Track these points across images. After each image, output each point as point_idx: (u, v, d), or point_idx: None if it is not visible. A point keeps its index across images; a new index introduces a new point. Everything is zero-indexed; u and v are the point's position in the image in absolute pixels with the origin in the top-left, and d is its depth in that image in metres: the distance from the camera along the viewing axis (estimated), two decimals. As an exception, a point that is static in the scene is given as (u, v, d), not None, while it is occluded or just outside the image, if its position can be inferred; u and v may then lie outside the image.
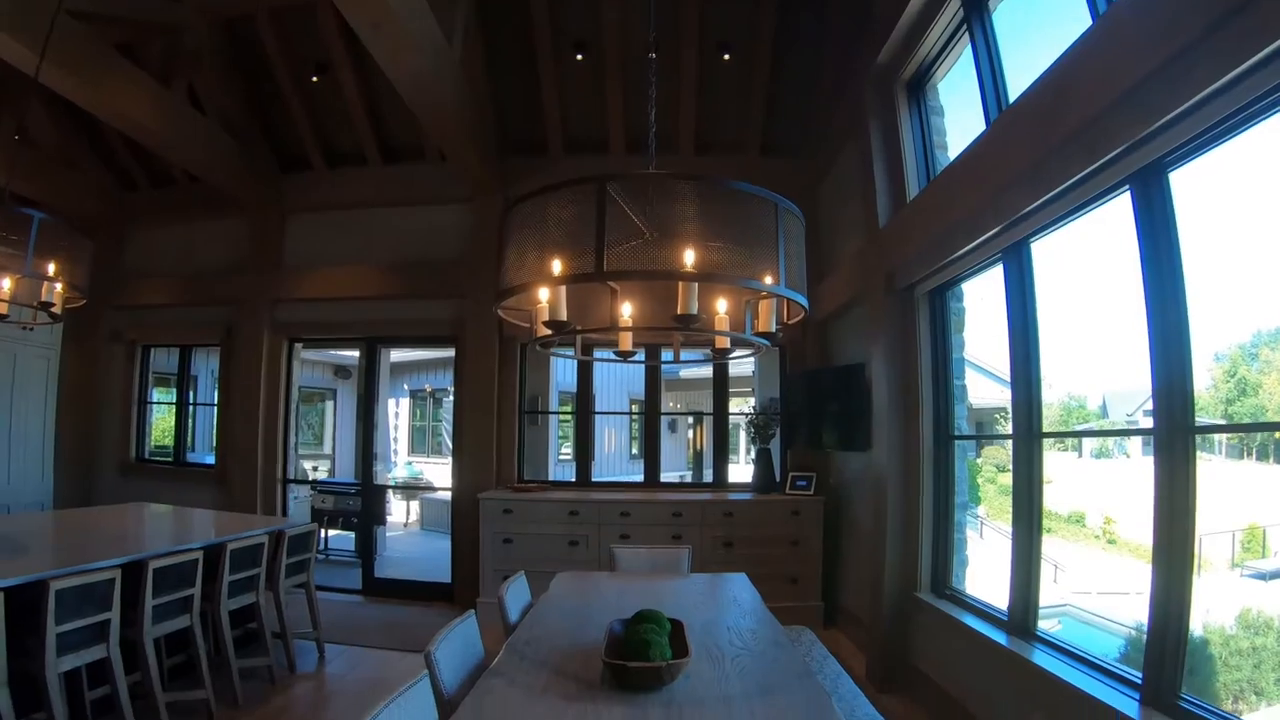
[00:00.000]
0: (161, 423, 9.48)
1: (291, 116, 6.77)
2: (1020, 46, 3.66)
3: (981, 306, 4.37)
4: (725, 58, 6.05)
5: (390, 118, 6.69)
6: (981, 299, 4.40)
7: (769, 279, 1.99)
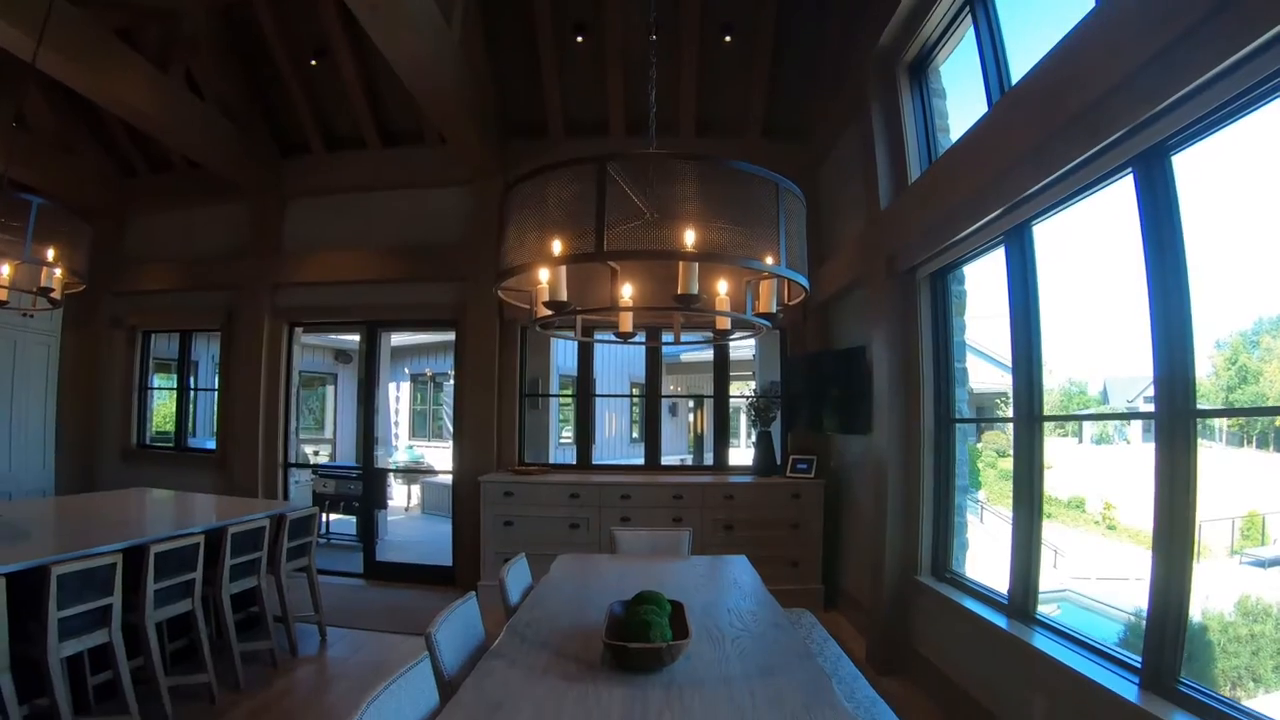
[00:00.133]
0: (162, 408, 9.49)
1: (290, 100, 6.73)
2: (1023, 28, 3.63)
3: (982, 291, 4.36)
4: (726, 39, 6.01)
5: (389, 100, 6.65)
6: (980, 285, 4.39)
7: (769, 259, 1.98)
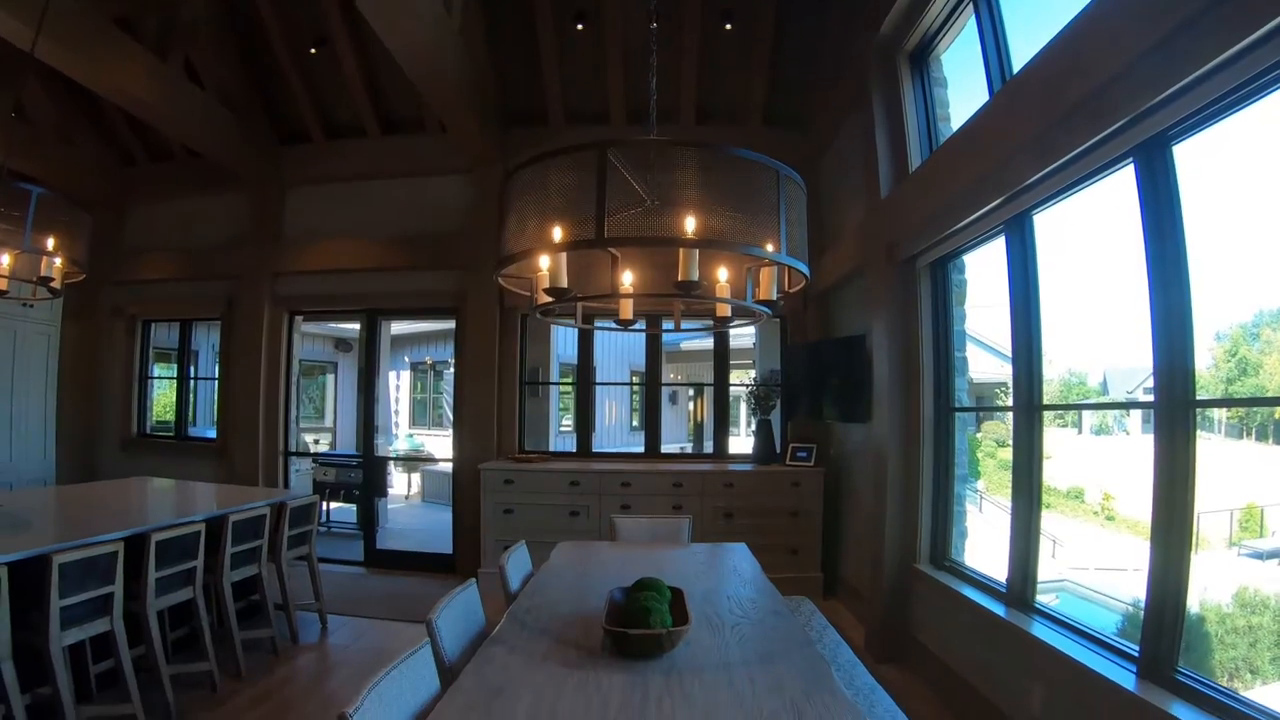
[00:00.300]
0: (163, 398, 9.49)
1: (290, 89, 6.70)
2: (1024, 17, 3.61)
3: (983, 280, 4.36)
4: (727, 27, 5.97)
5: (389, 89, 6.62)
6: (980, 274, 4.39)
7: (770, 245, 1.98)
